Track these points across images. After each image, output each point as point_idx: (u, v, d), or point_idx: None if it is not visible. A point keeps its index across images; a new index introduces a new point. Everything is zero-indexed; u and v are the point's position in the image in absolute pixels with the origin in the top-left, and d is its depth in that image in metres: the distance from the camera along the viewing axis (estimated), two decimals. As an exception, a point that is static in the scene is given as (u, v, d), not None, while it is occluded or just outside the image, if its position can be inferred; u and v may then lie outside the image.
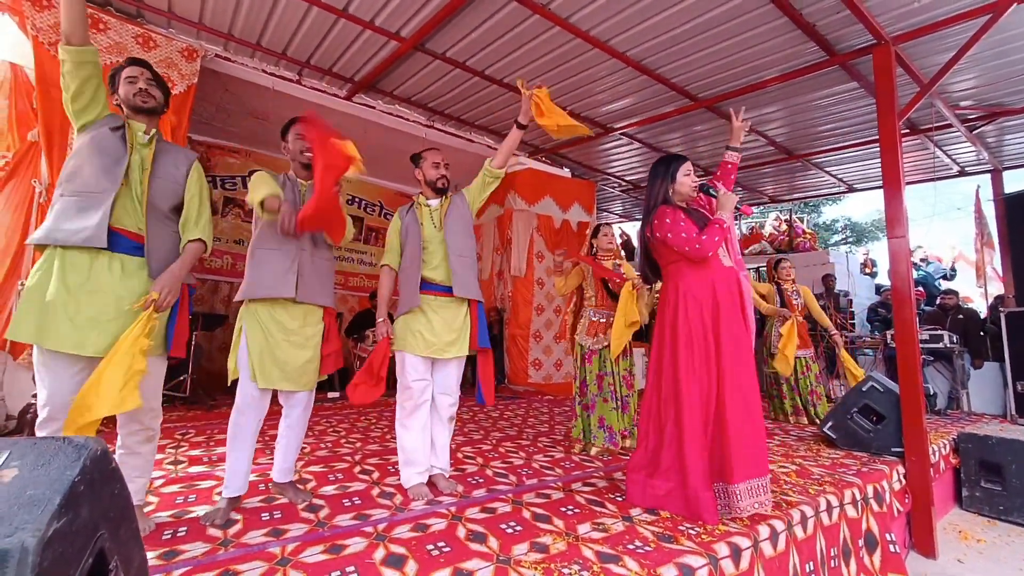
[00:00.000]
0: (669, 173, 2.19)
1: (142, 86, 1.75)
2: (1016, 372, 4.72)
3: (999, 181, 6.10)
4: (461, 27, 3.69)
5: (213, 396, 4.77)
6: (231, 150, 5.96)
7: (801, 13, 3.30)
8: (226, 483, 1.92)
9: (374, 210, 7.26)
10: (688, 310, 2.06)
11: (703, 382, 2.00)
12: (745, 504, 1.89)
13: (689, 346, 2.03)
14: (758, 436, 1.98)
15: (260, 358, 1.94)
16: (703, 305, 2.05)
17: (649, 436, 2.15)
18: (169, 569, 1.44)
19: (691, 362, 2.02)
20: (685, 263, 2.12)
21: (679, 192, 2.18)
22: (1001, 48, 3.66)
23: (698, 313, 2.05)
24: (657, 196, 2.21)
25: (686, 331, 2.05)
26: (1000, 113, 4.65)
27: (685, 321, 2.06)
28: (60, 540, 0.70)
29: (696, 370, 2.01)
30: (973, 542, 3.00)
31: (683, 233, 2.05)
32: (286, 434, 2.11)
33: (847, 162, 6.20)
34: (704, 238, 2.03)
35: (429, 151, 2.41)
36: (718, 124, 5.21)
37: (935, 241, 16.32)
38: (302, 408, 2.11)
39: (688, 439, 1.96)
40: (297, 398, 2.09)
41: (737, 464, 1.90)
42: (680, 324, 2.07)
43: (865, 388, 3.31)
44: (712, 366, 2.00)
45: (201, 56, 3.86)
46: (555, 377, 6.37)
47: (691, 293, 2.08)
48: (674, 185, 2.18)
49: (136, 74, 1.76)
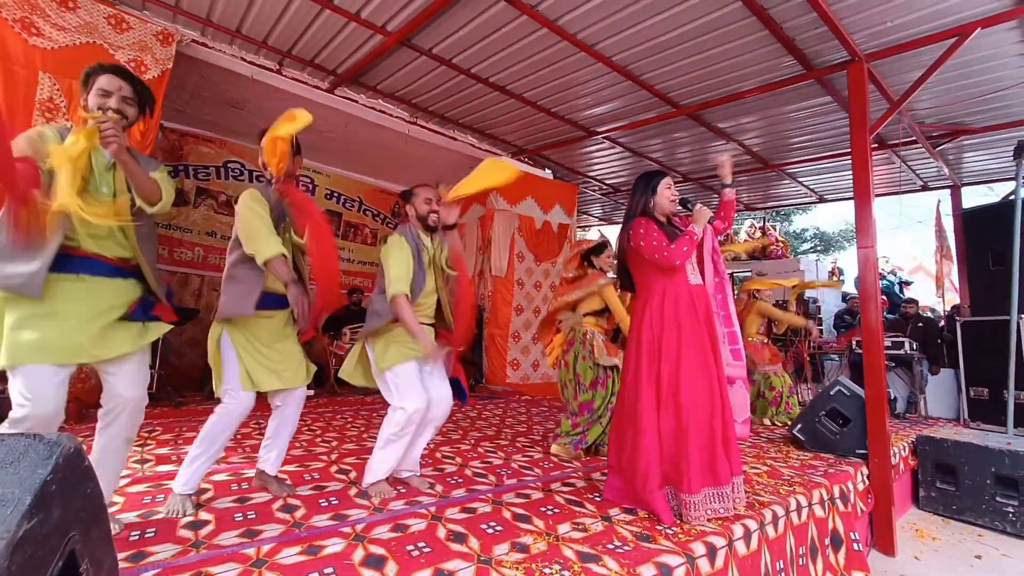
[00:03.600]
0: (650, 187, 2.28)
1: (114, 105, 1.54)
2: (970, 378, 4.97)
3: (958, 196, 6.41)
4: (448, 24, 3.67)
5: (181, 393, 4.61)
6: (205, 139, 5.77)
7: (782, 27, 3.40)
8: (186, 482, 1.89)
9: (353, 206, 7.15)
10: (651, 321, 2.15)
11: (660, 391, 2.07)
12: (697, 514, 1.94)
13: (650, 355, 2.12)
14: (712, 448, 2.02)
15: (257, 367, 1.94)
16: (665, 317, 2.13)
17: (618, 437, 2.22)
18: (138, 572, 1.39)
19: (651, 370, 2.11)
20: (655, 275, 2.21)
21: (659, 205, 2.27)
22: (963, 71, 3.85)
23: (659, 325, 2.13)
24: (636, 207, 2.29)
25: (648, 340, 2.14)
26: (960, 132, 4.89)
27: (648, 330, 2.15)
28: (30, 542, 0.67)
29: (654, 379, 2.09)
30: (929, 540, 3.14)
31: (654, 242, 2.14)
32: (279, 431, 2.12)
33: (818, 173, 6.42)
34: (672, 247, 2.12)
35: (421, 187, 2.36)
36: (698, 132, 5.32)
37: (897, 252, 17.11)
38: (296, 404, 2.12)
39: (643, 443, 2.05)
40: (294, 395, 2.10)
41: (687, 474, 1.96)
42: (644, 333, 2.16)
43: (833, 392, 3.43)
44: (672, 376, 2.07)
45: (177, 41, 3.72)
46: (532, 377, 6.40)
47: (656, 305, 2.16)
48: (654, 198, 2.27)
49: (111, 88, 1.55)
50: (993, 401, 4.70)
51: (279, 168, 1.94)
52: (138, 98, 1.63)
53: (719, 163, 2.46)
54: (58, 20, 3.24)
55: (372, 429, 3.55)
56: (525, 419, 4.24)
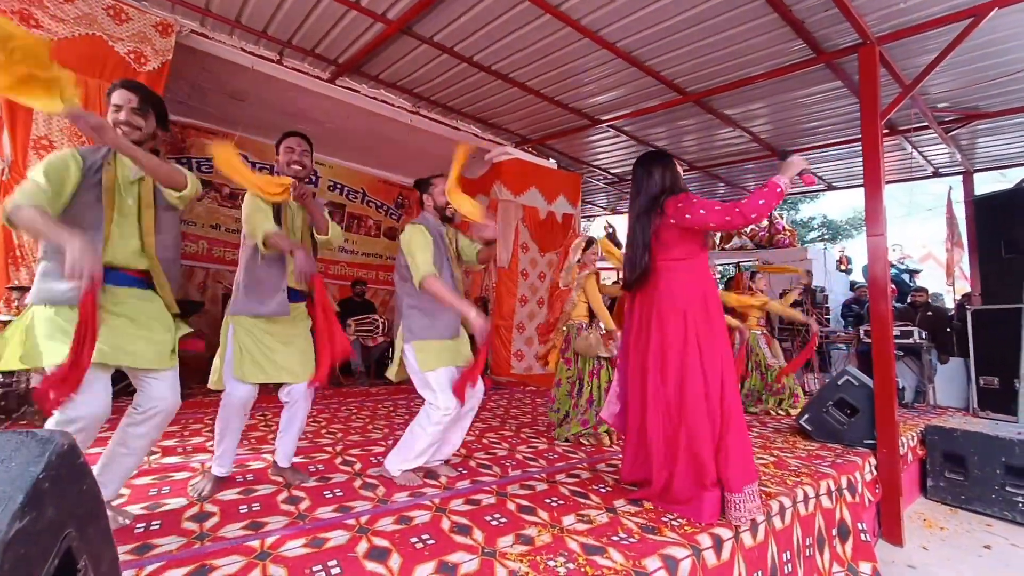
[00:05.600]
0: (669, 165, 2.11)
1: (124, 118, 1.62)
2: (980, 368, 4.91)
3: (970, 183, 6.29)
4: (449, 11, 3.60)
5: (188, 385, 4.63)
6: (207, 131, 5.73)
7: (791, 9, 3.31)
8: (216, 465, 2.04)
9: (356, 197, 7.12)
10: (694, 311, 1.97)
11: (707, 381, 1.93)
12: (739, 514, 1.86)
13: (697, 345, 1.96)
14: (746, 442, 1.95)
15: (248, 358, 1.98)
16: (710, 306, 1.98)
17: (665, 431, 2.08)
18: (143, 564, 1.39)
19: (701, 360, 1.94)
20: (683, 264, 2.02)
21: (679, 185, 2.12)
22: (978, 52, 3.74)
23: (704, 314, 1.97)
24: (664, 183, 2.07)
25: (659, 336, 2.01)
26: (974, 116, 4.78)
27: (660, 326, 2.00)
28: (23, 540, 0.66)
29: (700, 366, 1.94)
30: (936, 530, 3.12)
31: (715, 206, 1.82)
32: (287, 425, 2.17)
33: (827, 160, 6.31)
34: (746, 201, 1.76)
35: (438, 178, 2.36)
36: (704, 119, 5.24)
37: (907, 240, 16.88)
38: (302, 399, 2.15)
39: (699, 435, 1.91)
40: (296, 390, 2.12)
41: (729, 469, 1.87)
42: (654, 328, 2.02)
43: (841, 382, 3.39)
44: (715, 368, 1.93)
45: (176, 31, 3.69)
46: (536, 369, 6.38)
47: (697, 293, 1.99)
48: (676, 178, 2.12)
49: (121, 102, 1.63)
50: (1003, 390, 4.64)
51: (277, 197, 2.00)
52: (152, 108, 1.69)
53: (792, 162, 1.94)
54: (57, 11, 3.22)
55: (376, 420, 3.55)
56: (530, 410, 4.24)
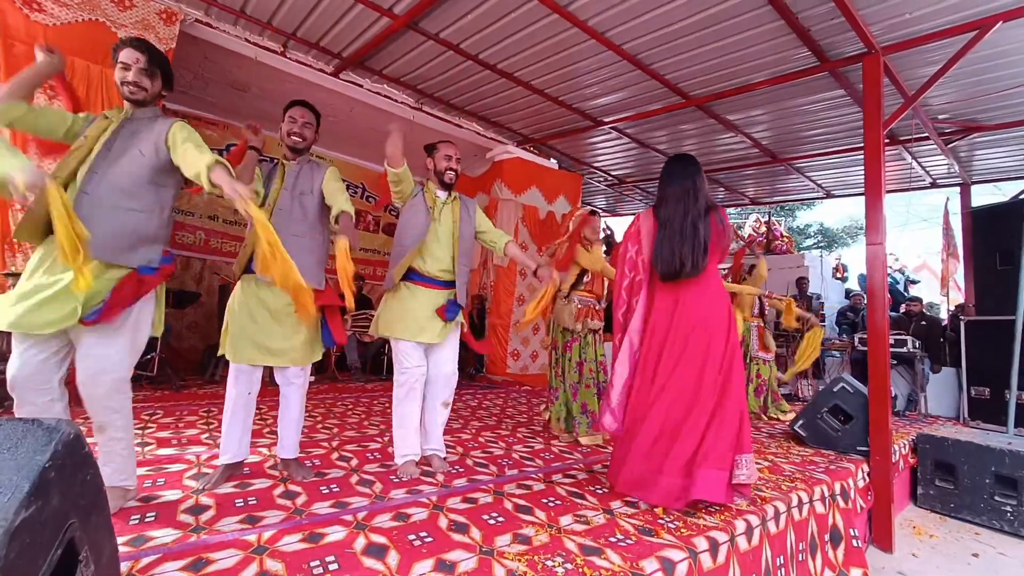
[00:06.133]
0: (703, 175, 2.30)
1: (131, 78, 1.66)
2: (972, 378, 4.96)
3: (967, 195, 6.34)
4: (457, 8, 3.59)
5: (182, 376, 4.60)
6: (209, 122, 5.70)
7: (797, 17, 3.32)
8: (222, 452, 2.03)
9: (356, 192, 7.09)
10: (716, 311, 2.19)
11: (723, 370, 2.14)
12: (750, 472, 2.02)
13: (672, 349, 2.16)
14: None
15: (236, 334, 2.01)
16: (731, 306, 2.25)
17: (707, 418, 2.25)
18: (138, 556, 1.38)
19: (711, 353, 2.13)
20: (716, 270, 2.28)
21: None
22: (981, 65, 3.77)
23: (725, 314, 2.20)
24: (707, 194, 2.27)
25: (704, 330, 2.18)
26: (973, 128, 4.82)
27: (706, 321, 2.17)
28: (28, 530, 0.65)
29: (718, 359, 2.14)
30: (926, 537, 3.15)
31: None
32: (281, 415, 2.15)
33: (827, 168, 6.34)
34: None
35: (444, 143, 2.48)
36: (706, 124, 5.25)
37: (902, 250, 17.07)
38: (293, 385, 2.13)
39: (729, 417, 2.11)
40: (287, 374, 2.11)
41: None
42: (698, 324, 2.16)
43: (836, 389, 3.42)
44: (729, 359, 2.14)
45: (180, 20, 3.66)
46: (531, 368, 6.39)
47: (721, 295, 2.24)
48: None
49: (129, 61, 1.66)
50: (994, 401, 4.69)
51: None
52: (159, 69, 1.73)
53: None
54: (59, -4, 3.18)
55: (372, 416, 3.55)
56: (526, 409, 4.24)
